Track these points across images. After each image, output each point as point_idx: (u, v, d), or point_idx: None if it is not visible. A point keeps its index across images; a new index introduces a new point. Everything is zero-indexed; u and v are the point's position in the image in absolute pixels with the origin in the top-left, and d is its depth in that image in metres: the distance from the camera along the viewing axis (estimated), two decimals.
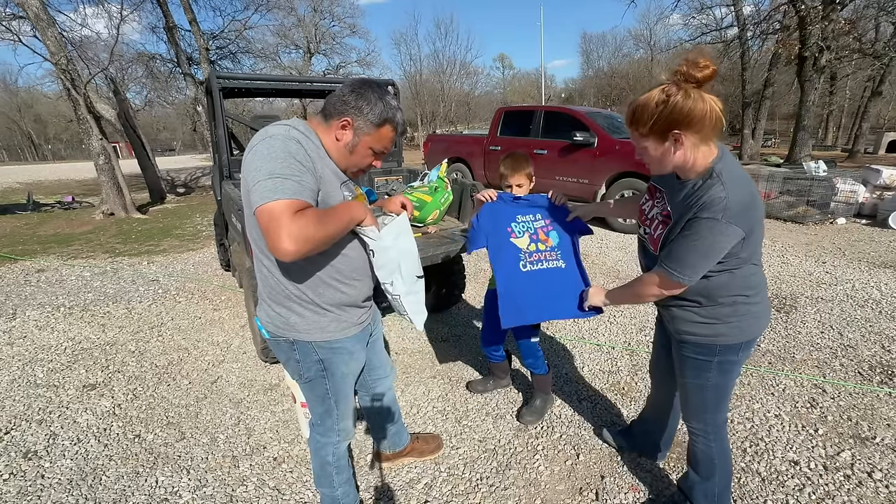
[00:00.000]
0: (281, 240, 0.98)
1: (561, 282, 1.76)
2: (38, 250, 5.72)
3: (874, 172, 6.17)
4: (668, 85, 1.12)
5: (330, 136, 1.21)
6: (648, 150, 1.20)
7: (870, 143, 15.83)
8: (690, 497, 1.57)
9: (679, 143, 1.13)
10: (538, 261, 1.77)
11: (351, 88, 1.20)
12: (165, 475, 1.88)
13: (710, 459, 1.48)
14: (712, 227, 1.11)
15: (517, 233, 1.80)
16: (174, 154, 38.92)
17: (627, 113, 1.20)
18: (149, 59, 12.93)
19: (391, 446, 1.88)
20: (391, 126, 1.23)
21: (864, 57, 11.79)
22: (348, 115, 1.18)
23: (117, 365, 2.81)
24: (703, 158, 1.16)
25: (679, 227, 1.19)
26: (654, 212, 1.35)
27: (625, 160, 5.74)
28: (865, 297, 3.51)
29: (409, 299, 1.37)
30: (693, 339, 1.35)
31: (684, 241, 1.18)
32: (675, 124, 1.11)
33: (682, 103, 1.08)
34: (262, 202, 1.00)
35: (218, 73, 3.07)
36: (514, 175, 1.88)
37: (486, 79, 42.91)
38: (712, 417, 1.45)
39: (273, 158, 1.04)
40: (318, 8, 21.25)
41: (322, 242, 1.07)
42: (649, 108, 1.13)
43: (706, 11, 15.45)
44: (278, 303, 1.25)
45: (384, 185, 3.56)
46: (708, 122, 1.10)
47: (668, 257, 1.24)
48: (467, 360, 2.78)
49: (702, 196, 1.13)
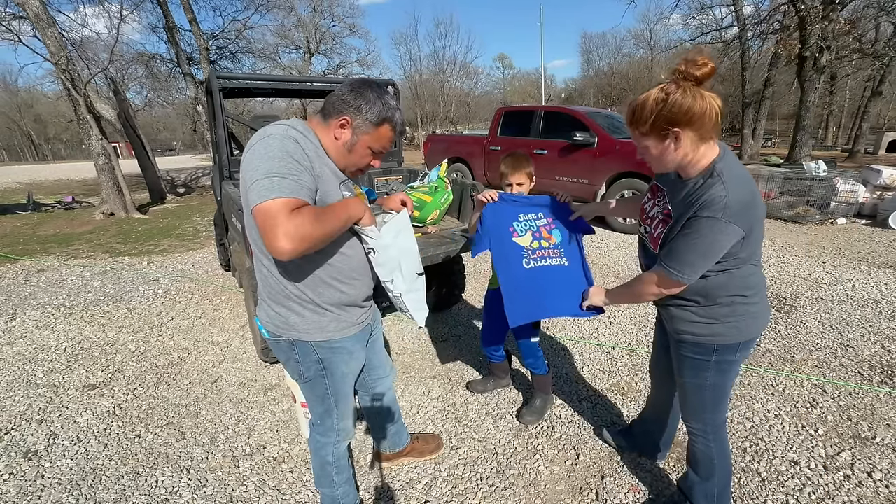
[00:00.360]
0: (277, 238, 0.98)
1: (564, 280, 1.74)
2: (38, 250, 5.72)
3: (874, 172, 6.18)
4: (667, 84, 1.12)
5: (329, 135, 1.21)
6: (649, 148, 1.20)
7: (870, 143, 15.83)
8: (690, 497, 1.57)
9: (679, 140, 1.13)
10: (541, 258, 1.76)
11: (350, 88, 1.20)
12: (165, 475, 1.88)
13: (710, 459, 1.48)
14: (712, 226, 1.11)
15: (519, 231, 1.79)
16: (174, 154, 38.91)
17: (627, 112, 1.20)
18: (149, 59, 12.93)
19: (391, 446, 1.88)
20: (390, 125, 1.23)
21: (864, 57, 11.79)
22: (347, 113, 1.18)
23: (117, 365, 2.81)
24: (703, 157, 1.17)
25: (679, 225, 1.19)
26: (654, 210, 1.35)
27: (625, 160, 5.73)
28: (865, 297, 3.51)
29: (410, 297, 1.38)
30: (691, 339, 1.35)
31: (684, 240, 1.18)
32: (675, 122, 1.11)
33: (681, 101, 1.09)
34: (259, 201, 1.01)
35: (218, 73, 3.07)
36: (514, 174, 1.88)
37: (486, 79, 42.97)
38: (711, 417, 1.45)
39: (271, 157, 1.05)
40: (318, 8, 21.26)
41: (319, 241, 1.07)
42: (648, 107, 1.13)
43: (706, 11, 15.44)
44: (278, 303, 1.25)
45: (384, 185, 3.56)
46: (707, 120, 1.11)
47: (667, 256, 1.24)
48: (467, 360, 2.78)
49: (702, 195, 1.13)
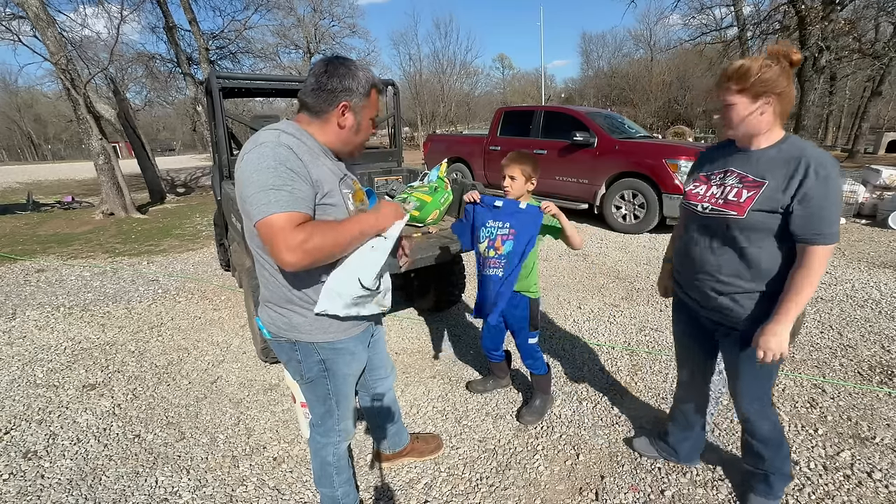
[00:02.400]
0: (282, 252, 1.02)
1: (492, 288, 1.89)
2: (37, 250, 5.72)
3: (874, 172, 6.18)
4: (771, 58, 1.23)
5: (331, 128, 1.20)
6: (737, 107, 1.25)
7: (870, 143, 15.81)
8: (777, 471, 1.56)
9: (769, 106, 1.23)
10: (489, 266, 1.89)
11: (327, 76, 1.15)
12: (165, 475, 1.88)
13: (774, 425, 1.51)
14: (837, 179, 1.19)
15: (481, 238, 1.90)
16: (174, 154, 38.93)
17: (731, 69, 1.25)
18: (149, 59, 12.91)
19: (391, 446, 1.88)
20: (376, 89, 1.23)
21: (864, 57, 11.79)
22: (341, 99, 1.16)
23: (117, 365, 2.81)
24: (775, 131, 1.29)
25: (787, 182, 1.21)
26: (726, 183, 1.35)
27: (625, 160, 5.74)
28: (865, 297, 3.51)
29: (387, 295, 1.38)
30: (752, 329, 1.34)
31: (824, 201, 1.19)
32: (773, 88, 1.21)
33: (782, 74, 1.22)
34: (260, 217, 1.03)
35: (218, 73, 3.07)
36: (509, 166, 1.89)
37: (486, 79, 42.94)
38: (768, 392, 1.49)
39: (265, 169, 1.05)
40: (317, 8, 21.27)
41: (327, 256, 1.09)
42: (755, 68, 1.22)
43: (706, 11, 15.46)
44: (280, 304, 1.25)
45: (384, 185, 3.56)
46: (789, 102, 1.25)
47: (818, 223, 1.19)
48: (467, 360, 2.78)
49: (805, 152, 1.21)
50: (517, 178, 1.89)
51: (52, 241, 6.20)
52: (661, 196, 5.41)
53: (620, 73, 34.26)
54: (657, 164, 5.42)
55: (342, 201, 1.20)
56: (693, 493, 1.73)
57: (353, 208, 1.25)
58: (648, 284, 3.96)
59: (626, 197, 5.80)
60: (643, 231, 5.70)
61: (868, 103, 14.70)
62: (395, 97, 3.59)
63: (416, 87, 31.78)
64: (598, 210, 6.13)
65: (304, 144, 1.14)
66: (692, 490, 1.75)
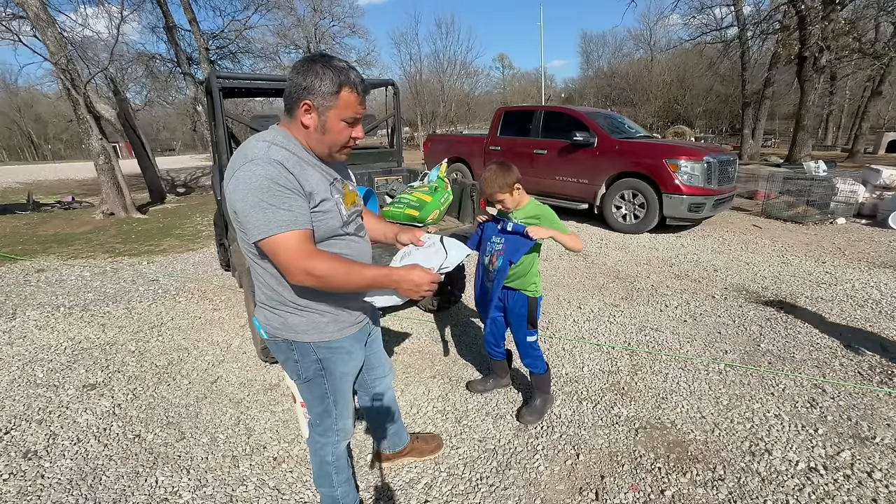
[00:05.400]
0: (293, 274, 1.11)
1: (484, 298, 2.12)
2: (38, 250, 5.72)
3: (874, 172, 6.18)
4: None
5: (298, 127, 1.16)
6: None
7: (870, 143, 15.82)
8: None
9: None
10: (486, 279, 2.06)
11: (296, 72, 1.12)
12: (165, 475, 1.88)
13: None
14: None
15: (487, 251, 2.02)
16: (174, 154, 38.90)
17: None
18: (149, 58, 12.92)
19: (391, 446, 1.88)
20: (349, 88, 1.13)
21: (864, 57, 11.79)
22: (303, 98, 1.12)
23: (117, 365, 2.81)
24: None
25: None
26: None
27: (625, 160, 5.74)
28: (865, 297, 3.51)
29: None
30: None
31: None
32: None
33: None
34: (262, 236, 1.08)
35: (218, 73, 3.07)
36: (491, 196, 1.94)
37: (486, 79, 42.93)
38: None
39: (257, 188, 1.06)
40: (317, 8, 21.27)
41: (334, 288, 1.17)
42: None
43: (706, 11, 15.47)
44: (276, 305, 1.25)
45: (384, 184, 3.55)
46: None
47: None
48: (467, 360, 2.78)
49: None
50: (505, 198, 1.92)
51: (52, 241, 6.20)
52: (662, 196, 5.41)
53: (620, 73, 34.28)
54: (657, 164, 5.42)
55: (335, 207, 1.20)
56: (693, 493, 1.74)
57: (346, 213, 1.25)
58: (648, 284, 3.96)
59: (626, 197, 5.80)
60: (643, 231, 5.70)
61: (868, 103, 14.71)
62: (395, 97, 3.58)
63: (416, 87, 31.78)
64: (598, 210, 6.13)
65: (294, 155, 1.13)
66: (692, 490, 1.75)
